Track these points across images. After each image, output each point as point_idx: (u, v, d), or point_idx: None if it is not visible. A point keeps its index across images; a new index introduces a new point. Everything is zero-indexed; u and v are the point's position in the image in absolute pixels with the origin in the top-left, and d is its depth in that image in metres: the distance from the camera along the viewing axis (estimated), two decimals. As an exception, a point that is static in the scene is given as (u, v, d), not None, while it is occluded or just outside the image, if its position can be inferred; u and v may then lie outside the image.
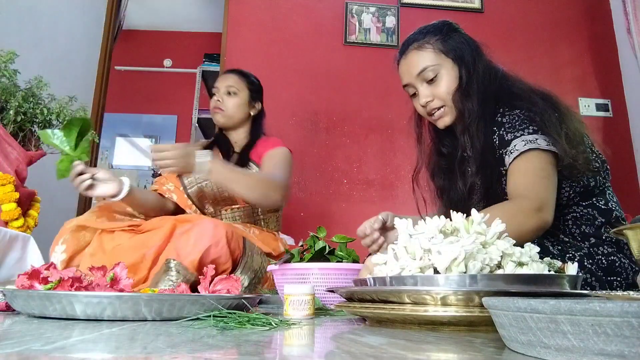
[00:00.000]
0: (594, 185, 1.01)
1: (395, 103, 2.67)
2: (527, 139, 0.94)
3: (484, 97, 1.03)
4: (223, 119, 1.65)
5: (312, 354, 0.45)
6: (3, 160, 1.44)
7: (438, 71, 1.06)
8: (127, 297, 0.66)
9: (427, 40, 1.08)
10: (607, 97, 2.78)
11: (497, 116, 1.01)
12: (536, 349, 0.38)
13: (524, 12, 2.86)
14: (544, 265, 0.66)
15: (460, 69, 1.05)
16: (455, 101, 1.05)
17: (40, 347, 0.42)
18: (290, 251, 1.06)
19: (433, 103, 1.09)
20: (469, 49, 1.07)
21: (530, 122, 0.95)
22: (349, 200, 2.53)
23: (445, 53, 1.07)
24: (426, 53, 1.08)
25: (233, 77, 1.69)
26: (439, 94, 1.07)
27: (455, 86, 1.05)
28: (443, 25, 1.11)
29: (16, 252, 1.32)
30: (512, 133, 0.96)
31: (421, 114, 1.15)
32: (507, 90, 1.04)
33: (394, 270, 0.66)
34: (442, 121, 1.10)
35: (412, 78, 1.10)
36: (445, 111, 1.08)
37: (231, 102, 1.65)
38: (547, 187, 0.92)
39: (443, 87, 1.06)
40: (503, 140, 0.98)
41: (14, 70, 1.54)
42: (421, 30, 1.12)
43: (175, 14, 4.51)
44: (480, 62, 1.07)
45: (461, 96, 1.04)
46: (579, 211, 1.01)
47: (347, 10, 2.77)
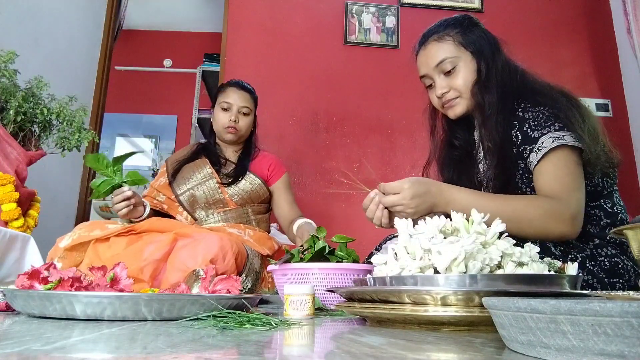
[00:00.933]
0: (601, 186, 1.02)
1: (395, 103, 2.67)
2: (554, 135, 0.94)
3: (503, 92, 1.03)
4: (235, 137, 1.68)
5: (312, 354, 0.45)
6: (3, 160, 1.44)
7: (456, 63, 1.07)
8: (127, 297, 0.66)
9: (447, 33, 1.09)
10: (607, 97, 2.78)
11: (518, 111, 1.01)
12: (536, 349, 0.38)
13: (524, 12, 2.86)
14: (544, 265, 0.66)
15: (479, 62, 1.06)
16: (474, 94, 1.06)
17: (40, 347, 0.42)
18: (290, 251, 1.06)
19: (449, 94, 1.10)
20: (488, 43, 1.08)
21: (556, 119, 0.95)
22: (349, 200, 2.53)
23: (464, 46, 1.07)
24: (446, 45, 1.08)
25: (247, 97, 1.71)
26: (455, 86, 1.08)
27: (474, 79, 1.06)
28: (464, 19, 1.12)
29: (16, 252, 1.33)
30: (538, 130, 0.96)
31: (436, 105, 1.16)
32: (529, 86, 1.04)
33: (394, 270, 0.66)
34: (453, 111, 1.11)
35: (430, 69, 1.11)
36: (458, 101, 1.09)
37: (245, 122, 1.69)
38: (582, 195, 0.93)
39: (460, 79, 1.07)
40: (527, 137, 0.98)
41: (14, 70, 1.54)
42: (442, 23, 1.12)
43: (175, 14, 4.51)
44: (499, 57, 1.07)
45: (480, 89, 1.05)
46: (587, 211, 1.01)
47: (347, 10, 2.77)
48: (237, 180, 1.61)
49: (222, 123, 1.67)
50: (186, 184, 1.59)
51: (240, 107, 1.68)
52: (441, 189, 0.94)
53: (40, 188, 1.62)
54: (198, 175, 1.60)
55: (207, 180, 1.60)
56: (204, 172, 1.61)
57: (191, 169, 1.63)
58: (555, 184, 0.92)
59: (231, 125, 1.66)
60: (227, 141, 1.70)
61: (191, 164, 1.65)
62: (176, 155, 1.74)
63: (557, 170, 0.93)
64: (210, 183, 1.59)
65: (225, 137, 1.68)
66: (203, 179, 1.60)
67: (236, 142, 1.71)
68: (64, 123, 1.62)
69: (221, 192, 1.59)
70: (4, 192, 1.38)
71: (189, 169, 1.63)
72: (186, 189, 1.59)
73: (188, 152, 1.72)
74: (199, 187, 1.58)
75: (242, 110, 1.68)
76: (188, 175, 1.61)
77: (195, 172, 1.61)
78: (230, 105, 1.67)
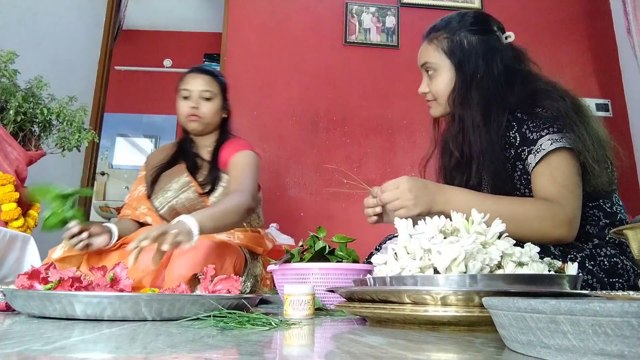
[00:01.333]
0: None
1: (395, 103, 2.67)
2: (553, 137, 0.93)
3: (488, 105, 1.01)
4: (200, 126, 1.53)
5: (312, 354, 0.45)
6: (3, 160, 1.44)
7: (436, 69, 1.09)
8: (127, 297, 0.66)
9: (436, 36, 1.10)
10: (607, 97, 2.78)
11: (517, 112, 0.99)
12: (536, 349, 0.38)
13: (524, 12, 2.86)
14: (544, 265, 0.66)
15: (458, 74, 1.05)
16: (451, 104, 1.06)
17: (40, 347, 0.42)
18: (290, 251, 1.06)
19: (427, 95, 1.13)
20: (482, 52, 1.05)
21: (555, 121, 0.94)
22: (349, 200, 2.53)
23: (447, 54, 1.07)
24: (430, 48, 1.10)
25: (206, 79, 1.55)
26: (433, 90, 1.10)
27: (451, 88, 1.06)
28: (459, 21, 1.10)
29: (16, 252, 1.33)
30: (537, 132, 0.95)
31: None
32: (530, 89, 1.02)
33: (394, 270, 0.66)
34: (431, 112, 1.14)
35: (419, 65, 1.14)
36: (434, 104, 1.12)
37: (208, 108, 1.53)
38: (579, 198, 0.92)
39: (438, 85, 1.09)
40: (525, 138, 0.97)
41: (14, 70, 1.54)
42: (444, 19, 1.13)
43: (175, 14, 4.51)
44: (491, 68, 1.03)
45: (455, 100, 1.05)
46: (585, 212, 1.00)
47: (347, 10, 2.77)
48: (215, 188, 1.47)
49: (183, 112, 1.53)
50: (164, 194, 1.46)
51: (201, 92, 1.52)
52: (440, 187, 0.94)
53: (40, 188, 1.62)
54: (175, 185, 1.47)
55: (186, 190, 1.46)
56: (181, 181, 1.48)
57: (169, 177, 1.50)
58: (553, 187, 0.92)
59: (192, 113, 1.51)
60: (194, 132, 1.56)
61: (169, 172, 1.51)
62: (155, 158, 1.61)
63: (554, 173, 0.92)
64: (189, 193, 1.46)
65: (189, 126, 1.53)
66: (181, 189, 1.47)
67: (204, 132, 1.56)
68: (64, 123, 1.62)
69: (202, 200, 1.46)
70: (4, 192, 1.38)
71: (166, 178, 1.50)
72: (165, 202, 1.46)
73: (166, 154, 1.59)
74: (178, 198, 1.46)
75: (203, 95, 1.52)
76: (166, 185, 1.48)
77: (172, 181, 1.48)
78: (189, 92, 1.52)
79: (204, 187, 1.47)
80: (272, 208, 2.47)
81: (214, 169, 1.50)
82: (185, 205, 1.45)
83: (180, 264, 1.19)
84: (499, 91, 1.02)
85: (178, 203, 1.45)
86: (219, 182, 1.48)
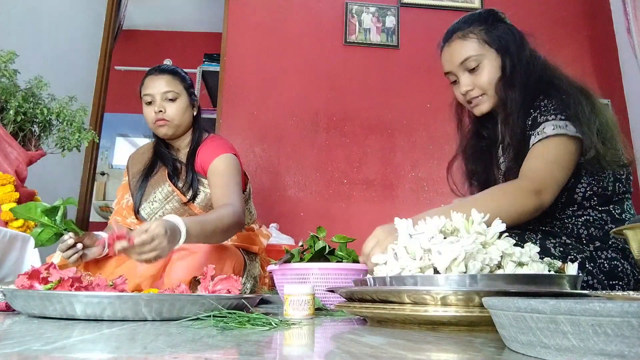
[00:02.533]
0: (612, 191, 1.02)
1: (395, 103, 2.67)
2: (557, 124, 0.95)
3: (526, 87, 1.04)
4: (170, 130, 1.43)
5: (312, 354, 0.45)
6: (3, 160, 1.44)
7: (480, 61, 1.07)
8: (127, 297, 0.66)
9: (471, 30, 1.09)
10: (607, 97, 2.78)
11: (537, 101, 1.02)
12: (536, 349, 0.38)
13: (524, 12, 2.86)
14: (544, 265, 0.66)
15: (504, 60, 1.06)
16: (499, 91, 1.06)
17: (40, 347, 0.42)
18: (290, 251, 1.06)
19: (473, 92, 1.10)
20: (513, 39, 1.08)
21: (564, 109, 0.96)
22: (349, 200, 2.53)
23: (489, 43, 1.08)
24: (470, 42, 1.09)
25: (167, 79, 1.44)
26: (479, 84, 1.09)
27: (498, 76, 1.07)
28: (488, 15, 1.12)
29: (16, 252, 1.33)
30: (544, 116, 0.98)
31: (460, 101, 1.17)
32: (547, 79, 1.05)
33: (394, 270, 0.66)
34: (479, 109, 1.12)
35: (454, 66, 1.11)
36: (484, 99, 1.10)
37: (175, 109, 1.42)
38: (552, 171, 0.93)
39: (485, 77, 1.08)
40: (535, 122, 0.99)
41: (14, 70, 1.54)
42: (466, 20, 1.13)
43: (175, 14, 4.51)
44: (524, 52, 1.08)
45: (504, 86, 1.05)
46: (594, 215, 1.01)
47: (347, 10, 2.77)
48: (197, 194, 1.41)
49: (149, 119, 1.43)
50: (151, 206, 1.41)
51: (163, 94, 1.42)
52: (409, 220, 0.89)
53: (40, 188, 1.62)
54: (160, 196, 1.42)
55: (170, 200, 1.41)
56: (164, 190, 1.42)
57: (152, 187, 1.43)
58: (532, 164, 0.94)
59: (159, 118, 1.41)
60: (166, 137, 1.46)
61: (152, 180, 1.45)
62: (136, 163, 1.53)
63: (540, 154, 0.95)
64: (173, 203, 1.41)
65: (159, 132, 1.44)
66: (166, 199, 1.41)
67: (176, 134, 1.46)
68: (64, 123, 1.62)
69: (188, 209, 1.41)
70: (4, 192, 1.38)
71: (150, 188, 1.43)
72: (153, 214, 1.41)
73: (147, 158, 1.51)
74: (164, 209, 1.40)
75: (167, 96, 1.42)
76: (151, 196, 1.42)
77: (156, 190, 1.42)
78: (152, 96, 1.42)
79: (186, 193, 1.40)
80: (272, 208, 2.47)
81: (191, 172, 1.42)
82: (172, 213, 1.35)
83: (179, 268, 1.19)
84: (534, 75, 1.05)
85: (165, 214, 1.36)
86: (198, 186, 1.41)
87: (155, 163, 1.49)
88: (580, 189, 1.01)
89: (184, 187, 1.41)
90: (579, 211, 1.02)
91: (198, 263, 1.18)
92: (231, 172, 1.39)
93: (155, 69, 1.49)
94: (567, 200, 1.02)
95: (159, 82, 1.43)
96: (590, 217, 1.01)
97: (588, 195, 1.01)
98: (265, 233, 1.59)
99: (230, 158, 1.42)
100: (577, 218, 1.02)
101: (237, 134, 2.56)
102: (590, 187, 1.01)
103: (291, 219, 2.44)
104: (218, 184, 1.36)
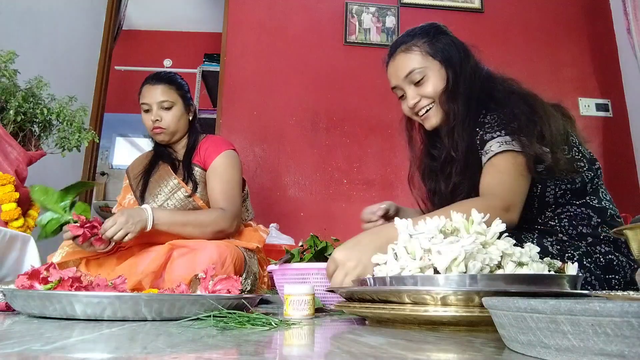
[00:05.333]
0: (581, 183, 1.02)
1: (395, 103, 2.65)
2: (502, 140, 0.95)
3: (469, 99, 1.04)
4: (167, 136, 1.52)
5: (312, 354, 0.45)
6: (3, 160, 1.44)
7: (425, 73, 1.07)
8: (127, 297, 0.66)
9: (414, 43, 1.09)
10: (607, 97, 2.78)
11: (480, 117, 1.03)
12: (536, 349, 0.38)
13: (524, 12, 2.86)
14: (543, 265, 0.66)
15: (447, 71, 1.06)
16: (442, 102, 1.06)
17: (40, 347, 0.42)
18: (290, 251, 1.06)
19: (421, 102, 1.10)
20: (457, 51, 1.08)
21: (507, 124, 0.96)
22: (349, 200, 2.53)
23: (432, 55, 1.08)
24: (414, 55, 1.08)
25: (162, 88, 1.51)
26: (425, 94, 1.08)
27: (443, 87, 1.06)
28: (431, 28, 1.12)
29: (16, 252, 1.33)
30: (489, 133, 0.98)
31: (408, 115, 1.17)
32: (488, 92, 1.05)
33: (394, 270, 0.66)
34: (429, 122, 1.11)
35: (400, 80, 1.11)
36: (432, 111, 1.09)
37: (170, 117, 1.50)
38: (515, 188, 0.93)
39: (430, 88, 1.07)
40: (482, 141, 1.00)
41: (14, 70, 1.54)
42: (409, 33, 1.13)
43: (175, 14, 4.51)
44: (468, 64, 1.08)
45: (447, 98, 1.05)
46: (573, 210, 1.01)
47: (347, 10, 2.77)
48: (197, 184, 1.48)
49: (147, 126, 1.53)
50: (155, 200, 1.46)
51: (159, 103, 1.49)
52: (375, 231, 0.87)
53: (40, 188, 1.62)
54: (165, 189, 1.47)
55: (175, 192, 1.46)
56: (170, 184, 1.47)
57: (157, 182, 1.50)
58: (491, 181, 0.94)
59: (156, 127, 1.50)
60: (164, 142, 1.55)
61: (156, 176, 1.51)
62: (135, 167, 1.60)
63: (497, 171, 0.95)
64: (179, 194, 1.46)
65: (157, 138, 1.54)
66: (171, 192, 1.46)
67: (173, 140, 1.55)
68: (64, 123, 1.62)
69: (193, 200, 1.47)
70: (4, 192, 1.38)
71: (154, 183, 1.50)
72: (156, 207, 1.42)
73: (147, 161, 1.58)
74: (169, 201, 1.46)
75: (163, 105, 1.50)
76: (155, 190, 1.48)
77: (161, 185, 1.48)
78: (148, 105, 1.51)
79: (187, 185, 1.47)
80: (272, 208, 2.47)
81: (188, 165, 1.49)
82: (177, 206, 1.46)
83: (180, 265, 1.19)
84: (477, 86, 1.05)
85: (169, 206, 1.45)
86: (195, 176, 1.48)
87: (155, 162, 1.55)
88: (550, 192, 1.01)
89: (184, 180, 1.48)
90: (558, 209, 1.02)
91: (199, 260, 1.18)
92: (231, 172, 1.48)
93: (152, 77, 1.55)
94: (541, 205, 1.02)
95: (154, 91, 1.51)
96: (571, 212, 1.01)
97: (560, 194, 1.02)
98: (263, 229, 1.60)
99: (231, 155, 1.51)
100: (558, 216, 1.02)
101: (237, 134, 2.56)
102: (558, 187, 1.01)
103: (291, 219, 2.44)
104: (216, 187, 1.45)
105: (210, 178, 1.47)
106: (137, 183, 1.53)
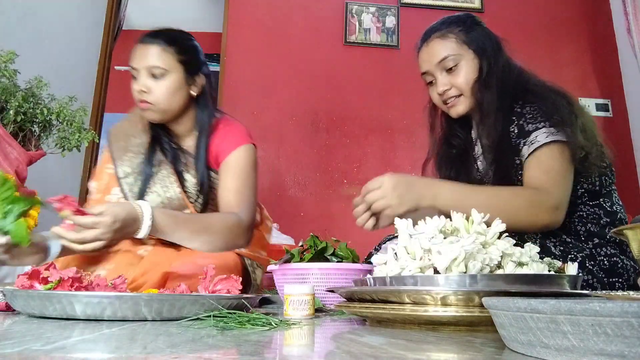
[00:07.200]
0: (599, 185, 1.03)
1: (395, 103, 2.67)
2: (549, 130, 0.95)
3: (502, 90, 1.04)
4: (156, 115, 1.15)
5: (312, 354, 0.45)
6: (3, 160, 1.44)
7: (458, 61, 1.08)
8: (127, 297, 0.66)
9: (450, 30, 1.10)
10: (607, 97, 2.78)
11: (516, 107, 1.03)
12: (536, 349, 0.38)
13: (524, 12, 2.86)
14: (544, 265, 0.66)
15: (481, 61, 1.07)
16: (475, 91, 1.07)
17: (40, 347, 0.42)
18: (290, 251, 1.06)
19: (450, 92, 1.10)
20: (490, 42, 1.09)
21: (551, 115, 0.97)
22: (349, 200, 2.52)
23: (467, 44, 1.08)
24: (448, 42, 1.09)
25: (157, 50, 1.13)
26: (457, 83, 1.08)
27: (475, 77, 1.07)
28: (467, 17, 1.13)
29: (16, 252, 1.32)
30: (533, 124, 0.98)
31: (436, 102, 1.16)
32: (523, 85, 1.06)
33: (394, 270, 0.66)
34: (455, 110, 1.11)
35: (432, 66, 1.11)
36: (460, 100, 1.10)
37: (161, 89, 1.13)
38: (567, 187, 0.95)
39: (462, 76, 1.08)
40: (522, 130, 0.99)
41: (14, 70, 1.54)
42: (445, 21, 1.13)
43: (175, 14, 4.51)
44: (501, 56, 1.09)
45: (480, 87, 1.06)
46: (586, 210, 1.02)
47: (347, 10, 2.77)
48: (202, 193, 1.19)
49: (135, 99, 1.16)
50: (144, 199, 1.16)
51: (148, 69, 1.12)
52: (427, 181, 0.95)
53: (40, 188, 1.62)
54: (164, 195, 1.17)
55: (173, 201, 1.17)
56: (170, 191, 1.16)
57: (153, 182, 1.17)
58: (542, 176, 0.94)
59: (140, 100, 1.13)
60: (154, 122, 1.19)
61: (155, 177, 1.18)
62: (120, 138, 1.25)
63: (545, 163, 0.95)
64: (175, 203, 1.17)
65: (145, 116, 1.17)
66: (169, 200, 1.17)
67: (166, 120, 1.18)
68: (64, 123, 1.62)
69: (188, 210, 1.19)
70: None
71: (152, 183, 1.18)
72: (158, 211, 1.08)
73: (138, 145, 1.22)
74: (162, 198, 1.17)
75: (152, 72, 1.12)
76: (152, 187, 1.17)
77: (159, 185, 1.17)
78: (136, 70, 1.14)
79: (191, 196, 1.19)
80: (272, 208, 2.47)
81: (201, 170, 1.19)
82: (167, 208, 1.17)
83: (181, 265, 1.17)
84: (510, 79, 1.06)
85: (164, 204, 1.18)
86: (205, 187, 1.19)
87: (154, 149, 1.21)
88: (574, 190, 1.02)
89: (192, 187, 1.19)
90: (571, 208, 1.03)
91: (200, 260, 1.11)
92: (248, 171, 1.22)
93: (149, 34, 1.18)
94: None
95: (145, 52, 1.14)
96: (583, 212, 1.03)
97: (580, 193, 1.03)
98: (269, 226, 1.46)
99: (249, 150, 1.24)
100: (571, 215, 1.02)
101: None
102: (580, 185, 1.03)
103: (291, 219, 2.44)
104: (230, 187, 1.17)
105: (222, 175, 1.19)
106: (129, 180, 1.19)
